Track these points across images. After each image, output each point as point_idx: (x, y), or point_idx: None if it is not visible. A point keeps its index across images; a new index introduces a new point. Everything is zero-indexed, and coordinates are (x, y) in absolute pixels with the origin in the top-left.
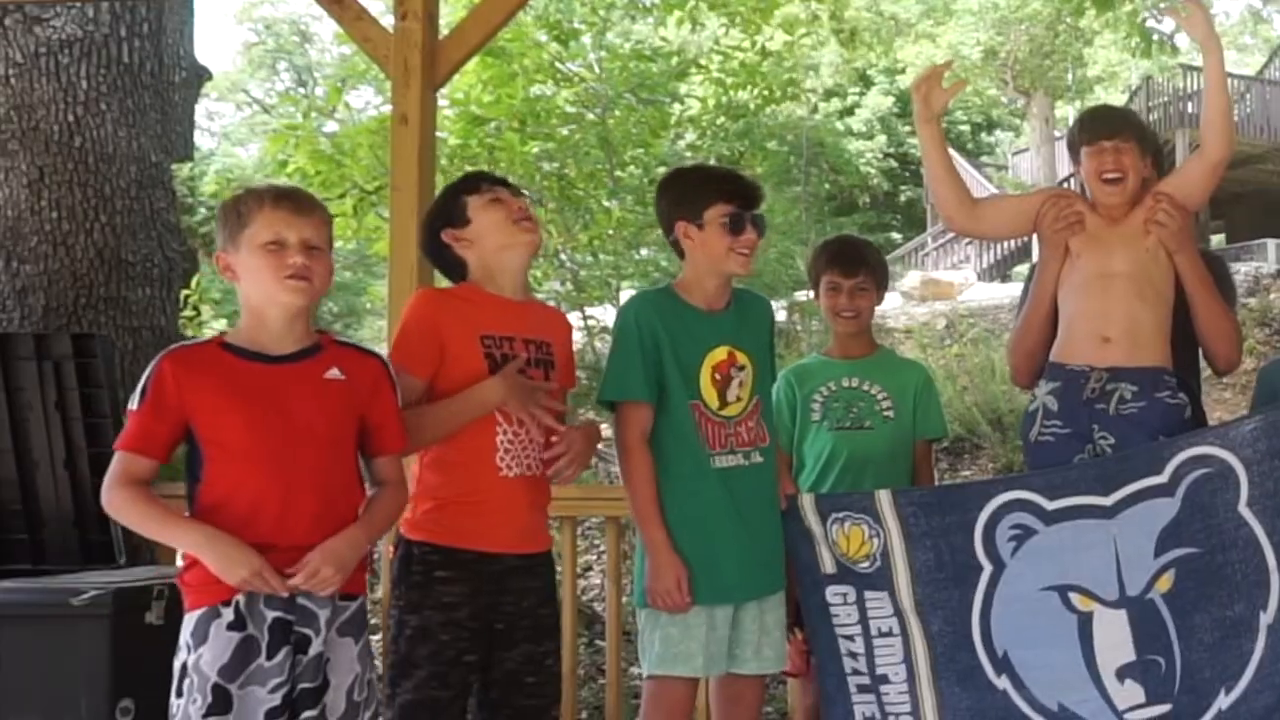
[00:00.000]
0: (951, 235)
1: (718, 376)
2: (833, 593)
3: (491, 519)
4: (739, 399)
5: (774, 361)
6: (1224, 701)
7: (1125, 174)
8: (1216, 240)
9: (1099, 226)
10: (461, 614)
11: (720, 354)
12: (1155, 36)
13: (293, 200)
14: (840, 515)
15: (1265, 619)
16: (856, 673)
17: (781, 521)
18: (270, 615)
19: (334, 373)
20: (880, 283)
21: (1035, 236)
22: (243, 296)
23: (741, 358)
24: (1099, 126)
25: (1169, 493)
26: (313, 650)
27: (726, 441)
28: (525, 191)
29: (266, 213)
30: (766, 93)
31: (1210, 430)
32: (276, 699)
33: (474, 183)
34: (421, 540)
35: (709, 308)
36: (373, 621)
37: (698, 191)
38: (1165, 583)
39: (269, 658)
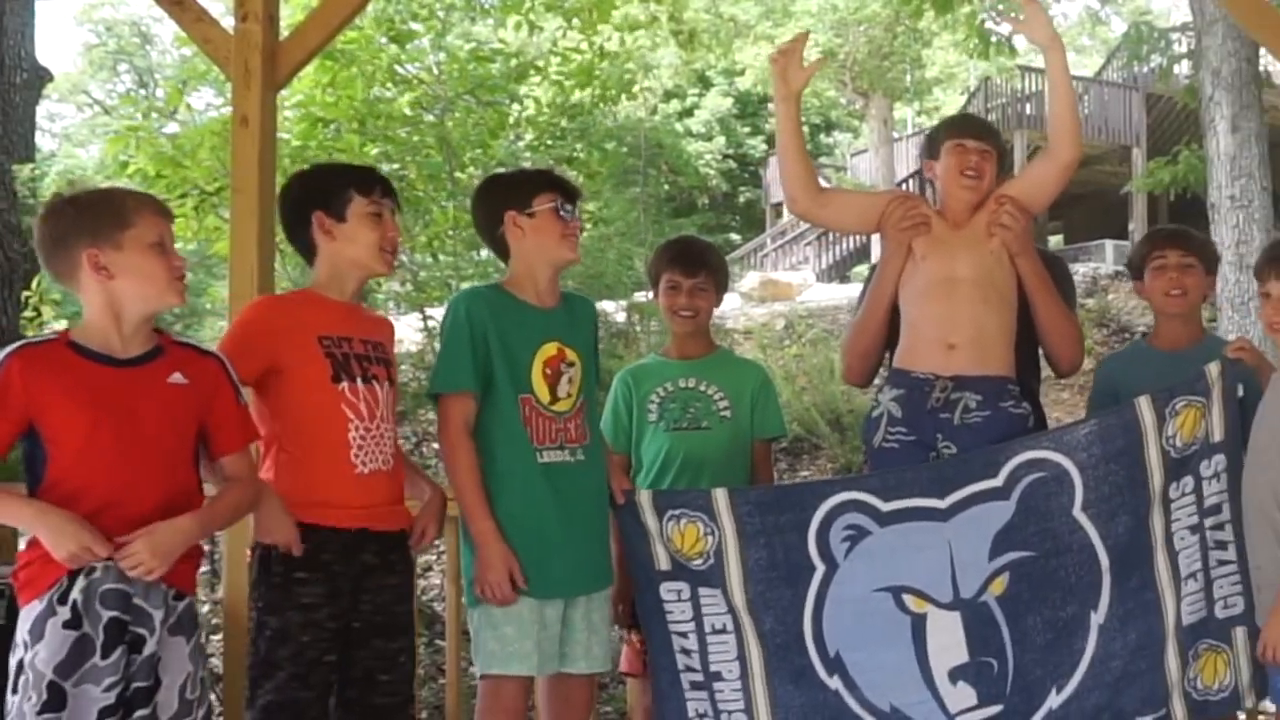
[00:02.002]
0: (791, 236)
1: (548, 371)
2: (667, 589)
3: (349, 518)
4: (569, 395)
5: (598, 365)
6: (1055, 701)
7: (983, 177)
8: (1055, 241)
9: (943, 230)
10: (321, 614)
11: (551, 349)
12: (993, 38)
13: (165, 206)
14: (676, 512)
15: (1096, 619)
16: (690, 669)
17: (614, 518)
18: (106, 615)
19: (177, 377)
20: (720, 284)
21: (877, 236)
22: (106, 296)
23: (571, 354)
24: (970, 125)
25: (1004, 496)
26: (147, 650)
27: (556, 436)
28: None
29: (150, 215)
30: (603, 91)
31: (1045, 434)
32: (110, 698)
33: (368, 182)
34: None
35: (540, 303)
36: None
37: (525, 183)
38: (999, 585)
39: (104, 657)
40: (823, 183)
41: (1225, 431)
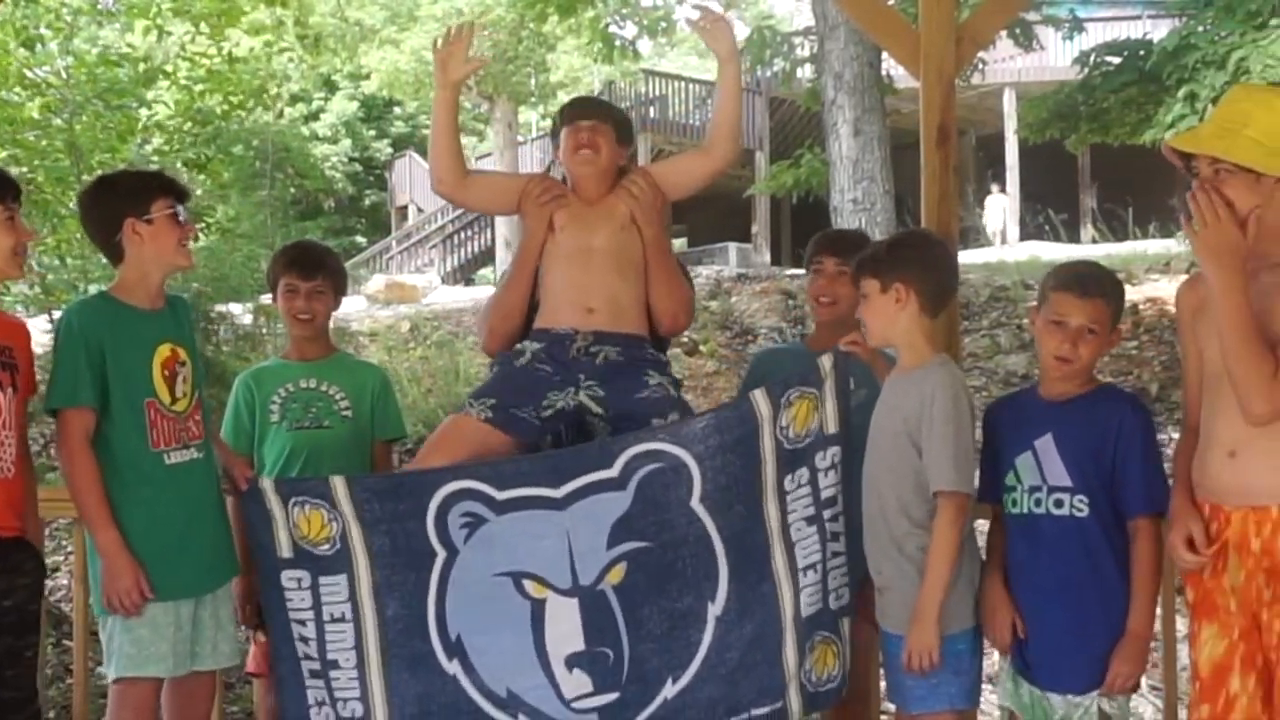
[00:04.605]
0: (416, 239)
1: (167, 373)
2: (287, 577)
3: None
4: (185, 394)
5: (204, 360)
6: (670, 690)
7: (598, 150)
8: (679, 244)
9: (579, 207)
10: None
11: (166, 351)
12: (618, 42)
13: None
14: (300, 499)
15: (714, 610)
16: (308, 658)
17: (238, 507)
18: None
19: None
20: (338, 287)
21: (502, 240)
22: None
23: (183, 354)
24: (577, 109)
25: (620, 486)
26: None
27: (179, 437)
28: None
29: None
30: (237, 100)
31: (661, 427)
32: None
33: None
34: None
35: (150, 307)
36: None
37: (141, 188)
38: (617, 574)
39: None
40: None
41: (839, 424)
